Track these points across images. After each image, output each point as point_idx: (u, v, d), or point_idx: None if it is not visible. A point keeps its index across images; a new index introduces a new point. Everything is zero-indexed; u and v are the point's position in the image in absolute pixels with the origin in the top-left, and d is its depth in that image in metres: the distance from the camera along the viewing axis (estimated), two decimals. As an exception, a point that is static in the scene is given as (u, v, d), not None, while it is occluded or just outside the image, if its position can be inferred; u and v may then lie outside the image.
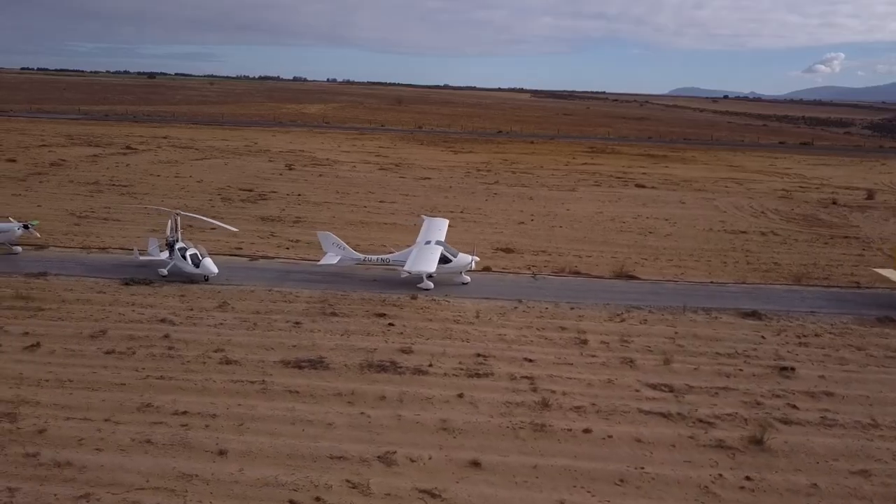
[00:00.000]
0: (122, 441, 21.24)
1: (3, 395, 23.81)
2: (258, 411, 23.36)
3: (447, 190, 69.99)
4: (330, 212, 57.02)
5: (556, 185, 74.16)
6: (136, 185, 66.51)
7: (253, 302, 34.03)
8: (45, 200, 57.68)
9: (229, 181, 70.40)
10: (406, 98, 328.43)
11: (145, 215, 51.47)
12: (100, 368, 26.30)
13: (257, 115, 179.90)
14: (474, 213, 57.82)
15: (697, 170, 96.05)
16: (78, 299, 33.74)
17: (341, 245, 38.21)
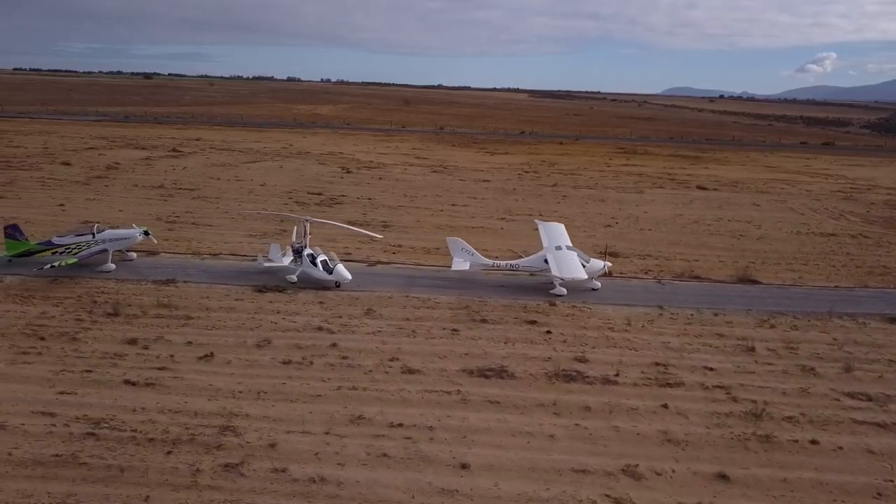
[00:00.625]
0: (359, 455, 20.97)
1: (208, 408, 23.48)
2: (471, 423, 23.13)
3: (512, 192, 69.79)
4: (411, 215, 56.70)
5: (619, 187, 74.11)
6: (203, 188, 65.94)
7: (396, 308, 33.74)
8: (122, 205, 57.12)
9: (292, 184, 69.93)
10: (411, 98, 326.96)
11: (240, 220, 51.26)
12: (286, 379, 25.97)
13: (272, 115, 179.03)
14: (555, 217, 57.51)
15: (737, 171, 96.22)
16: (221, 307, 33.35)
17: (470, 250, 37.97)
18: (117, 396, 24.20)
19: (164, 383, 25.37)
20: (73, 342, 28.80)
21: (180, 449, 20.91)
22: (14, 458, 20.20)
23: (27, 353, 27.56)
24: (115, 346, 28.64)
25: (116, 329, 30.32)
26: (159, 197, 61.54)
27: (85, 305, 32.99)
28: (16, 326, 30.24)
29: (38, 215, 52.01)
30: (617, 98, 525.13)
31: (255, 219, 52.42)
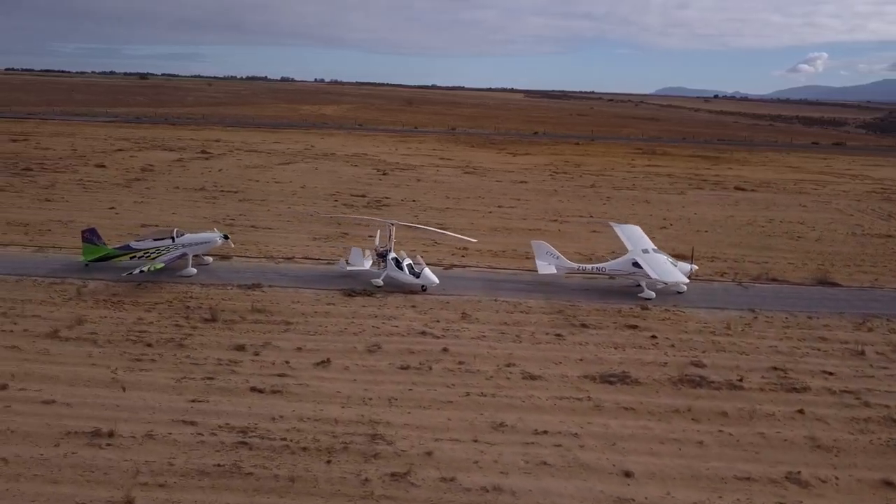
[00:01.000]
0: (517, 463, 20.89)
1: (345, 416, 23.26)
2: (614, 430, 23.03)
3: (553, 193, 69.75)
4: (462, 218, 56.50)
5: (659, 188, 74.23)
6: (245, 191, 65.56)
7: (490, 313, 33.59)
8: (170, 207, 56.75)
9: (333, 186, 69.66)
10: (413, 99, 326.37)
11: (299, 223, 51.04)
12: (411, 385, 25.81)
13: (280, 116, 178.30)
14: (607, 219, 57.49)
15: (762, 171, 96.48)
16: (316, 312, 33.13)
17: (555, 254, 37.83)
18: (250, 404, 23.93)
19: (291, 390, 25.11)
20: (181, 349, 28.49)
21: (338, 458, 20.68)
22: (177, 468, 19.92)
23: (141, 360, 27.25)
24: (225, 352, 28.35)
25: (219, 335, 30.03)
26: (205, 199, 61.14)
27: (178, 311, 32.67)
28: (118, 333, 29.90)
29: (92, 219, 51.37)
30: (613, 98, 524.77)
31: (315, 222, 52.20)
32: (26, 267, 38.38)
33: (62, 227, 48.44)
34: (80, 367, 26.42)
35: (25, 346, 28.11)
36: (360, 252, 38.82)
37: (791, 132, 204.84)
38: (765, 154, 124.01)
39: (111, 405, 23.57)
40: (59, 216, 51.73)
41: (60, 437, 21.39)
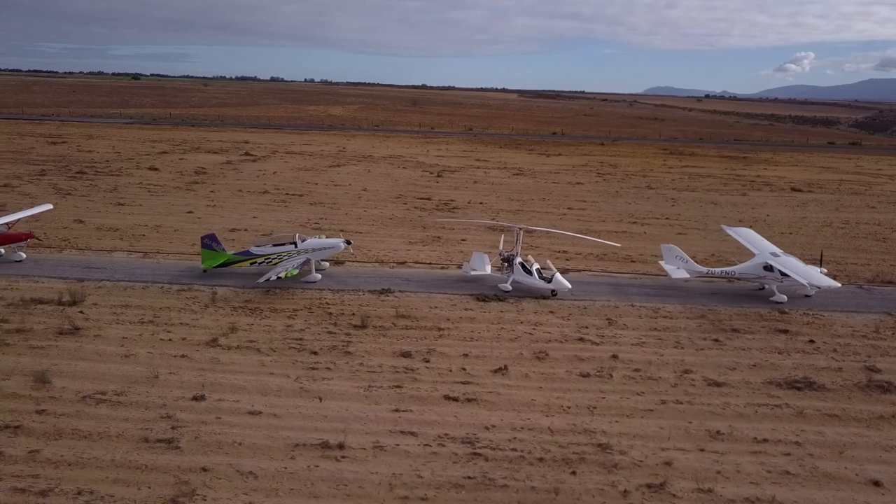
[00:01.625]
0: (759, 472, 20.66)
1: (556, 425, 23.04)
2: (831, 437, 22.89)
3: (615, 195, 69.69)
4: (541, 220, 56.08)
5: (719, 190, 74.29)
6: (310, 194, 65.09)
7: (633, 318, 33.43)
8: (246, 211, 56.27)
9: (394, 189, 69.30)
10: (417, 99, 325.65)
11: (387, 227, 50.66)
12: (602, 393, 25.64)
13: (290, 117, 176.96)
14: (685, 221, 57.65)
15: (798, 171, 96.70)
16: (459, 317, 32.92)
17: (684, 258, 37.71)
18: (456, 413, 23.69)
19: (484, 398, 24.89)
20: (348, 356, 28.18)
21: (581, 469, 20.45)
22: (427, 480, 19.62)
23: (316, 369, 26.92)
24: (393, 359, 28.08)
25: (378, 341, 29.74)
26: (275, 203, 60.66)
27: (321, 317, 32.33)
28: (276, 340, 29.56)
29: (177, 223, 51.15)
30: (607, 98, 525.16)
31: (400, 225, 51.95)
32: (145, 274, 37.88)
33: (153, 232, 47.88)
34: (262, 377, 26.06)
35: (194, 356, 27.69)
36: (483, 256, 38.51)
37: (796, 132, 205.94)
38: (789, 154, 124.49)
39: (319, 415, 23.23)
40: (142, 220, 51.10)
41: (291, 450, 21.04)
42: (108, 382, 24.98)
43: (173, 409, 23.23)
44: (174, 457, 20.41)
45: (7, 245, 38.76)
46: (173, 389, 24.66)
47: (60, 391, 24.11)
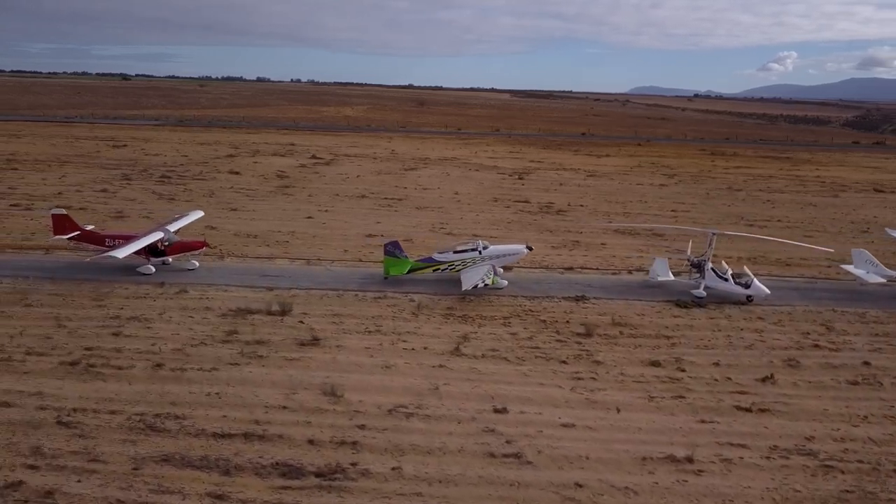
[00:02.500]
0: None
1: (874, 435, 22.91)
2: None
3: (708, 197, 69.87)
4: (655, 222, 56.05)
5: (808, 191, 74.79)
6: (408, 199, 64.61)
7: (845, 323, 33.43)
8: (361, 216, 55.85)
9: (484, 192, 69.14)
10: (424, 100, 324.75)
11: (530, 232, 50.35)
12: (875, 400, 25.60)
13: (309, 119, 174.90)
14: (798, 223, 58.01)
15: (848, 171, 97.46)
16: (677, 325, 32.88)
17: (874, 262, 37.78)
18: (765, 424, 23.61)
19: (775, 409, 24.74)
20: (599, 365, 28.00)
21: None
22: (805, 495, 19.45)
23: (580, 379, 26.74)
24: (645, 368, 27.96)
25: (615, 350, 29.63)
26: (382, 207, 60.25)
27: (535, 325, 32.12)
28: (516, 349, 29.34)
29: (306, 228, 50.69)
30: (599, 98, 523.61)
31: (530, 228, 51.70)
32: (327, 281, 37.52)
33: (294, 238, 47.49)
34: (532, 387, 25.89)
35: (451, 366, 27.40)
36: (665, 262, 38.37)
37: (797, 131, 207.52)
38: (825, 154, 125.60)
39: (633, 427, 23.06)
40: (271, 226, 50.52)
41: (640, 463, 20.79)
42: (397, 395, 24.60)
43: (487, 422, 22.90)
44: (534, 472, 20.12)
45: (181, 254, 38.06)
46: (466, 401, 24.33)
47: (359, 404, 23.70)
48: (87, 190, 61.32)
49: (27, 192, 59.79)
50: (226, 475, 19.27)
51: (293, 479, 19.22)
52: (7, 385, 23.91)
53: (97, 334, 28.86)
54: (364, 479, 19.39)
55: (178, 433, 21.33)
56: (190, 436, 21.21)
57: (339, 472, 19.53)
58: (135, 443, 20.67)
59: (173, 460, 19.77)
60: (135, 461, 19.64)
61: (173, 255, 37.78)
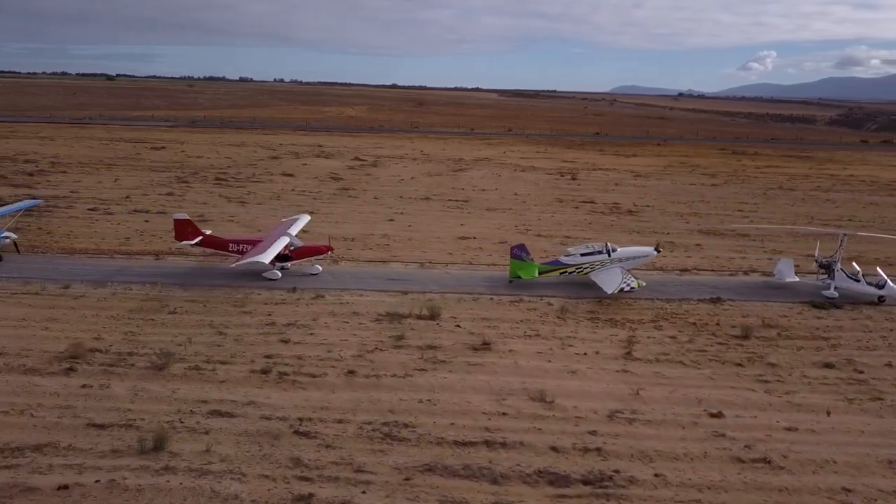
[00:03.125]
0: None
1: None
2: None
3: (767, 197, 70.31)
4: (733, 222, 56.33)
5: (868, 190, 75.70)
6: (474, 200, 64.34)
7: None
8: (439, 218, 55.50)
9: (545, 194, 69.16)
10: (423, 100, 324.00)
11: (601, 231, 50.40)
12: None
13: (314, 118, 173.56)
14: (870, 222, 58.61)
15: (878, 170, 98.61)
16: (827, 326, 33.07)
17: None
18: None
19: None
20: (774, 367, 28.16)
21: None
22: None
23: (768, 382, 26.75)
24: (824, 370, 27.96)
25: (779, 352, 29.59)
26: (453, 209, 59.97)
27: (685, 327, 32.12)
28: (685, 353, 29.26)
29: (395, 231, 50.39)
30: (587, 97, 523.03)
31: (609, 229, 51.75)
32: (456, 284, 37.36)
33: (392, 241, 47.11)
34: (726, 390, 25.81)
35: (635, 370, 27.30)
36: (789, 263, 38.52)
37: (786, 130, 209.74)
38: (843, 153, 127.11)
39: (852, 430, 23.09)
40: (362, 229, 50.09)
41: (887, 466, 20.82)
42: (603, 400, 24.49)
43: (710, 426, 22.90)
44: (793, 477, 20.10)
45: (306, 258, 37.63)
46: (674, 405, 24.29)
47: (574, 410, 23.57)
48: (151, 193, 60.44)
49: (93, 195, 58.77)
50: (495, 484, 19.02)
51: (563, 488, 19.02)
52: (216, 395, 23.45)
53: (265, 341, 28.40)
54: (634, 486, 19.22)
55: (418, 442, 21.02)
56: (432, 444, 20.90)
57: (606, 480, 19.33)
58: (384, 452, 20.33)
59: (437, 470, 19.46)
60: (400, 471, 19.31)
61: (300, 259, 37.26)
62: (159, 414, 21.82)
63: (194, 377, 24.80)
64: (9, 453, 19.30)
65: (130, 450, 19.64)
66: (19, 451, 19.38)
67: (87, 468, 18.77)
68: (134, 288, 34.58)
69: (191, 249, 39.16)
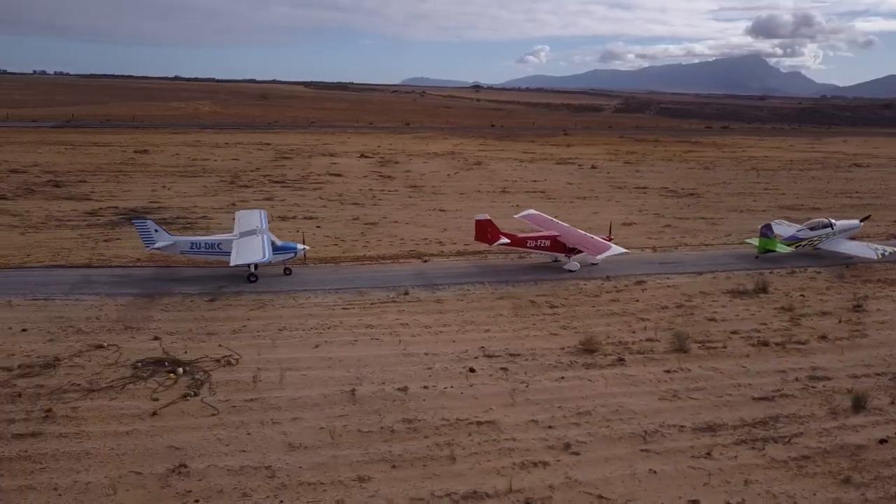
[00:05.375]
0: None
1: None
2: None
3: (760, 180, 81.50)
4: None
5: (816, 169, 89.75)
6: (512, 192, 67.08)
7: None
8: (557, 211, 58.60)
9: (588, 182, 74.79)
10: (267, 94, 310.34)
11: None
12: None
13: (176, 117, 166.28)
14: (859, 196, 70.83)
15: (779, 152, 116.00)
16: None
17: None
18: None
19: None
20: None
21: None
22: None
23: None
24: None
25: None
26: (542, 200, 61.91)
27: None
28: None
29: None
30: (398, 90, 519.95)
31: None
32: (709, 265, 41.55)
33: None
34: None
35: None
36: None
37: (589, 119, 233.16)
38: (721, 138, 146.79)
39: None
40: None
41: None
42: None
43: None
44: None
45: (584, 253, 39.42)
46: None
47: None
48: (251, 200, 57.79)
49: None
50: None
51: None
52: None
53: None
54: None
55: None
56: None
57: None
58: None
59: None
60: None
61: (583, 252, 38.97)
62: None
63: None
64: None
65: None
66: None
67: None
68: (450, 289, 35.49)
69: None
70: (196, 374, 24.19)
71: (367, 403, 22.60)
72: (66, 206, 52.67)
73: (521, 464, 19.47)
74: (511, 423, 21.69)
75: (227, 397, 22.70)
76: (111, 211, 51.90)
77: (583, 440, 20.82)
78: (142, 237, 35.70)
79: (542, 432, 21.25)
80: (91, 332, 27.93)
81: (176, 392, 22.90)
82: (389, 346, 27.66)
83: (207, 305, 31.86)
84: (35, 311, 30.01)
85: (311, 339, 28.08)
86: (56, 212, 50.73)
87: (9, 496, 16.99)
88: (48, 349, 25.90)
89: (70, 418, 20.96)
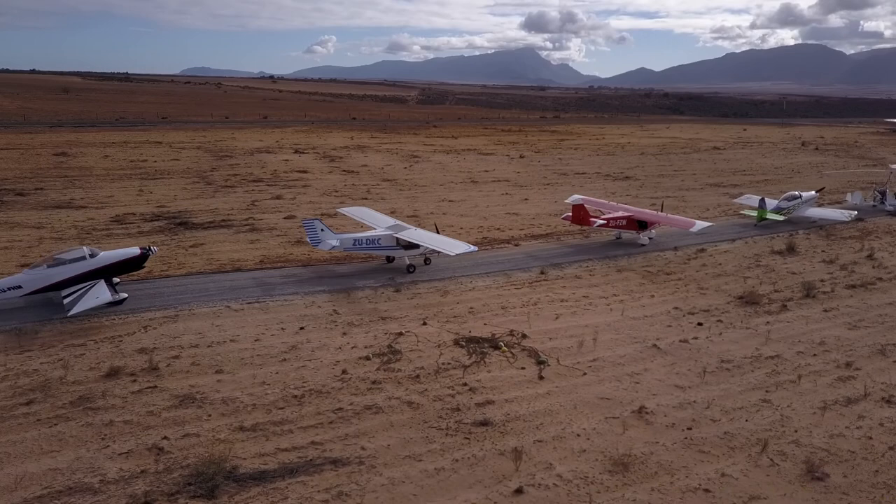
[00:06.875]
0: None
1: None
2: None
3: (674, 166, 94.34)
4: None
5: (682, 153, 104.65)
6: (517, 180, 74.21)
7: None
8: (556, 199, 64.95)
9: (530, 173, 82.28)
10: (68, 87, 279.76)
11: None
12: None
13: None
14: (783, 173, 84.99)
15: (635, 138, 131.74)
16: None
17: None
18: None
19: None
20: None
21: None
22: None
23: None
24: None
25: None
26: (514, 187, 68.96)
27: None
28: None
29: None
30: (191, 81, 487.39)
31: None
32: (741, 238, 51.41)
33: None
34: None
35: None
36: (859, 194, 61.30)
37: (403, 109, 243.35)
38: (567, 127, 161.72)
39: None
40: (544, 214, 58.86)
41: None
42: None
43: None
44: None
45: (653, 229, 47.37)
46: None
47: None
48: (321, 205, 57.25)
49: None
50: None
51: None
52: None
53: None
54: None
55: None
56: None
57: None
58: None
59: None
60: None
61: (653, 229, 46.72)
62: None
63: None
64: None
65: None
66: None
67: None
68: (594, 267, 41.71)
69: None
70: (523, 347, 27.81)
71: (674, 353, 27.88)
72: (75, 216, 50.05)
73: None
74: (792, 354, 28.24)
75: (564, 362, 26.66)
76: (136, 217, 50.17)
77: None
78: (309, 237, 37.35)
79: (824, 356, 28.10)
80: (361, 325, 29.89)
81: (526, 361, 26.68)
82: (610, 313, 32.39)
83: (401, 295, 34.08)
84: (265, 312, 30.94)
85: (545, 314, 32.11)
86: (78, 221, 48.36)
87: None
88: (366, 340, 28.07)
89: (485, 388, 24.12)
